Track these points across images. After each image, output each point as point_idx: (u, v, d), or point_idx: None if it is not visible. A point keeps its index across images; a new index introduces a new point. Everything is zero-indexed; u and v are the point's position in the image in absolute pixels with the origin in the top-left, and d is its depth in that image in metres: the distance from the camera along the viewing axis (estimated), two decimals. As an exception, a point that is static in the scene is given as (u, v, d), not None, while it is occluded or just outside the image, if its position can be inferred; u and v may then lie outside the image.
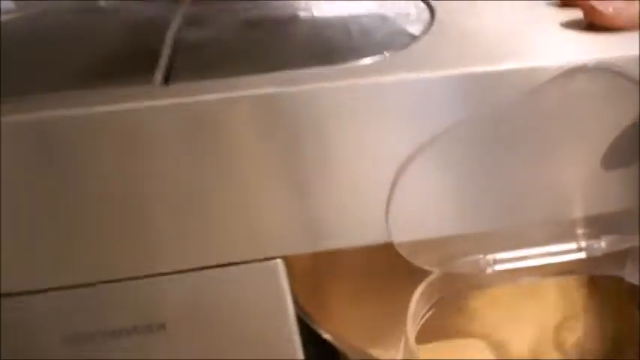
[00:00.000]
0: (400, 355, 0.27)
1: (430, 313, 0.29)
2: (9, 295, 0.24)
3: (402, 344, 0.28)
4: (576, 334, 0.38)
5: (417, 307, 0.27)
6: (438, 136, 0.23)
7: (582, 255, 0.28)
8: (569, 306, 0.39)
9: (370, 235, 0.26)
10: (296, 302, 0.28)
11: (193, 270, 0.25)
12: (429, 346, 0.36)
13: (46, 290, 0.25)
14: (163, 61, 0.23)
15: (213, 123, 0.22)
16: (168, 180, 0.23)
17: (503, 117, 0.24)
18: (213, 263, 0.25)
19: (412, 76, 0.23)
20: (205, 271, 0.26)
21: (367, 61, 0.24)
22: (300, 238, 0.25)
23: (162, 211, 0.24)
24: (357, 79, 0.23)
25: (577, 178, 0.26)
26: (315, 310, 0.31)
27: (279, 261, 0.26)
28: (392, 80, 0.23)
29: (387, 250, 0.26)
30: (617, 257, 0.30)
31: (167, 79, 0.21)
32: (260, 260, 0.26)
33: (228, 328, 0.28)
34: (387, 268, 0.29)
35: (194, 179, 0.23)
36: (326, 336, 0.29)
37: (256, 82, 0.22)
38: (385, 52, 0.24)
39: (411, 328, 0.26)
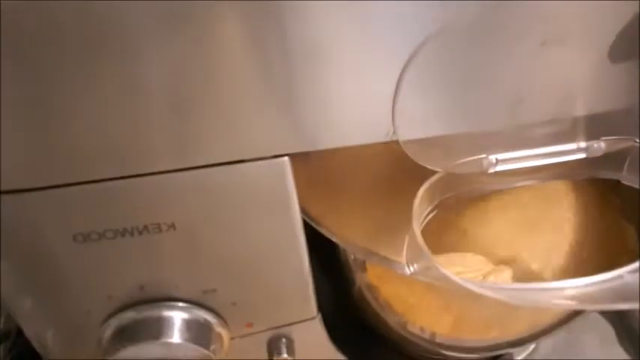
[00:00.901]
0: (405, 254, 0.28)
1: (433, 214, 0.30)
2: (16, 191, 0.25)
3: (406, 243, 0.28)
4: (570, 250, 0.39)
5: (420, 206, 0.27)
6: (441, 30, 0.23)
7: (582, 155, 0.29)
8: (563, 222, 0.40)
9: (376, 133, 0.26)
10: (301, 204, 0.29)
11: (202, 167, 0.26)
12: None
13: (53, 187, 0.25)
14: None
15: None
16: (175, 75, 0.23)
17: (506, 9, 0.23)
18: (221, 161, 0.26)
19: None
20: (213, 169, 0.26)
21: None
22: (306, 135, 0.26)
23: (170, 107, 0.24)
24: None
25: (579, 75, 0.26)
26: (321, 213, 0.31)
27: (285, 159, 0.26)
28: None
29: (391, 151, 0.26)
30: (616, 159, 0.30)
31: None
32: (267, 158, 0.26)
33: (236, 227, 0.28)
34: (392, 170, 0.30)
35: (199, 75, 0.23)
36: (331, 237, 0.30)
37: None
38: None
39: (417, 225, 0.26)
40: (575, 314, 0.37)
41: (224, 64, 0.23)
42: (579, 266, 0.39)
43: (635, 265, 0.27)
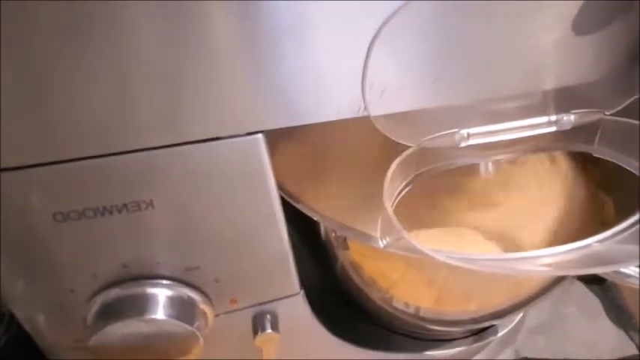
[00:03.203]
0: (379, 228, 0.29)
1: (407, 189, 0.31)
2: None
3: (380, 218, 0.29)
4: (546, 222, 0.40)
5: (393, 179, 0.28)
6: (407, 3, 0.23)
7: (552, 128, 0.30)
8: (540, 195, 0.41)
9: (347, 108, 0.26)
10: (279, 183, 0.29)
11: (178, 145, 0.26)
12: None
13: (30, 166, 0.25)
14: None
15: None
16: (148, 54, 0.23)
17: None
18: (197, 138, 0.26)
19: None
20: (189, 146, 0.26)
21: None
22: (278, 112, 0.26)
23: (145, 86, 0.24)
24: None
25: (548, 48, 0.26)
26: (299, 191, 0.32)
27: (259, 136, 0.27)
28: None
29: (368, 127, 0.27)
30: (587, 132, 0.31)
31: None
32: (241, 135, 0.26)
33: (214, 205, 0.29)
34: (369, 145, 0.30)
35: (172, 53, 0.23)
36: (308, 213, 0.30)
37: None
38: None
39: (388, 200, 0.27)
40: (553, 284, 0.38)
41: (198, 43, 0.23)
42: (560, 241, 0.40)
43: (603, 235, 0.28)
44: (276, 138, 0.28)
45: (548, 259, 0.26)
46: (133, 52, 0.23)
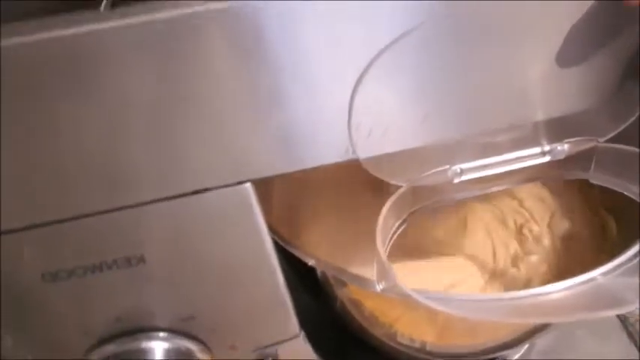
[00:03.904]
0: (376, 272, 0.28)
1: (403, 227, 0.30)
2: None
3: (375, 261, 0.28)
4: (546, 243, 0.39)
5: (386, 222, 0.27)
6: (393, 42, 0.23)
7: (546, 159, 0.29)
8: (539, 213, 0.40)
9: (335, 153, 0.26)
10: (272, 227, 0.29)
11: (167, 199, 0.26)
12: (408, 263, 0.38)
13: (18, 230, 0.25)
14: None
15: (171, 43, 0.22)
16: (135, 108, 0.23)
17: (459, 19, 0.23)
18: (186, 191, 0.26)
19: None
20: (179, 200, 0.26)
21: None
22: (266, 161, 0.26)
23: (132, 141, 0.24)
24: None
25: (537, 80, 0.26)
26: (292, 234, 0.31)
27: (248, 185, 0.26)
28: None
29: (359, 167, 0.27)
30: (582, 160, 0.30)
31: (114, 4, 0.21)
32: (231, 185, 0.26)
33: (206, 254, 0.28)
34: (361, 185, 0.30)
35: (161, 106, 0.23)
36: (302, 258, 0.30)
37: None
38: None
39: (381, 244, 0.26)
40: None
41: (187, 98, 0.23)
42: (564, 266, 0.39)
43: (606, 267, 0.27)
44: (267, 181, 0.27)
45: (551, 297, 0.25)
46: (122, 109, 0.23)
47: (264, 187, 0.27)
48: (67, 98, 0.22)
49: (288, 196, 0.32)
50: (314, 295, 0.40)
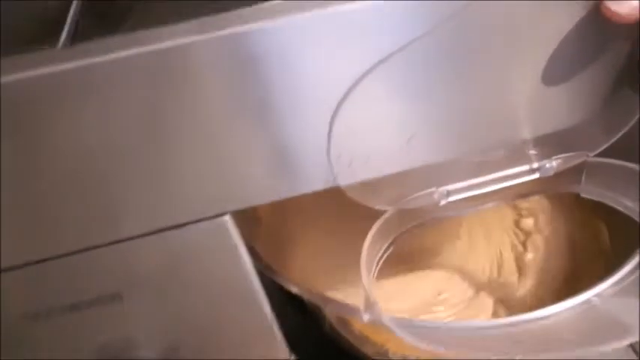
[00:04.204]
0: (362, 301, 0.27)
1: (391, 249, 0.29)
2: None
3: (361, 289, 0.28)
4: (538, 251, 0.39)
5: (371, 250, 0.26)
6: (373, 67, 0.22)
7: (535, 176, 0.28)
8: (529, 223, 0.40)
9: (316, 182, 0.25)
10: (256, 254, 0.28)
11: (144, 235, 0.25)
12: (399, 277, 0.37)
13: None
14: (70, 21, 0.21)
15: (133, 82, 0.21)
16: (105, 147, 0.22)
17: (440, 40, 0.22)
18: (163, 226, 0.25)
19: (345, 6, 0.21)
20: (156, 235, 0.25)
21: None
22: (243, 193, 0.25)
23: (108, 180, 0.23)
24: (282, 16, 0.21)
25: (524, 99, 0.25)
26: (280, 258, 0.30)
27: (227, 217, 0.25)
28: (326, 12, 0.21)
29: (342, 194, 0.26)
30: (572, 174, 0.30)
31: (73, 39, 0.20)
32: (208, 218, 0.25)
33: (187, 287, 0.27)
34: (347, 211, 0.29)
35: (131, 142, 0.22)
36: (287, 286, 0.29)
37: (175, 31, 0.20)
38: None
39: (367, 276, 0.25)
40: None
41: (164, 135, 0.22)
42: (556, 276, 0.39)
43: (600, 288, 0.26)
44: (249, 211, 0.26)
45: (544, 323, 0.24)
46: (88, 152, 0.22)
47: (252, 210, 0.26)
48: (38, 139, 0.21)
49: (277, 217, 0.31)
50: (304, 314, 0.39)
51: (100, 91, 0.20)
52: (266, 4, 0.21)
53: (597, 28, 0.23)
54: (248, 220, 0.30)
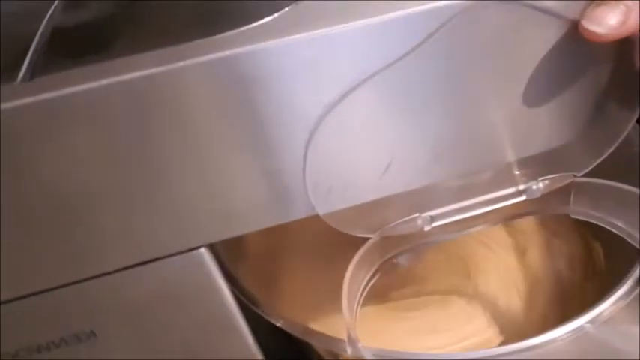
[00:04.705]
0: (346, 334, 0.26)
1: (377, 277, 0.28)
2: None
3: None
4: (535, 270, 0.38)
5: (352, 282, 0.25)
6: (345, 94, 0.21)
7: (522, 198, 0.27)
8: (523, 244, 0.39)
9: (296, 210, 0.24)
10: (238, 284, 0.27)
11: (117, 271, 0.24)
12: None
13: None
14: (33, 53, 0.21)
15: (99, 115, 0.20)
16: (75, 182, 0.21)
17: (417, 64, 0.21)
18: (136, 261, 0.24)
19: (319, 32, 0.20)
20: (129, 271, 0.24)
21: (265, 20, 0.21)
22: (219, 224, 0.24)
23: (78, 217, 0.22)
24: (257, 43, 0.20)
25: (505, 121, 0.24)
26: (266, 285, 0.29)
27: (202, 250, 0.24)
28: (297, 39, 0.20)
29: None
30: (561, 195, 0.29)
31: (33, 74, 0.19)
32: (183, 252, 0.24)
33: (165, 323, 0.26)
34: (338, 238, 0.28)
35: (97, 178, 0.21)
36: (270, 319, 0.28)
37: (138, 61, 0.20)
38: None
39: (349, 311, 0.24)
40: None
41: (128, 167, 0.21)
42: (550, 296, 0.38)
43: (591, 314, 0.25)
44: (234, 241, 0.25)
45: (536, 352, 0.23)
46: (58, 186, 0.21)
47: (237, 240, 0.25)
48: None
49: (265, 247, 0.30)
50: (292, 346, 0.38)
51: (59, 128, 0.19)
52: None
53: (578, 48, 0.22)
54: (233, 251, 0.29)
